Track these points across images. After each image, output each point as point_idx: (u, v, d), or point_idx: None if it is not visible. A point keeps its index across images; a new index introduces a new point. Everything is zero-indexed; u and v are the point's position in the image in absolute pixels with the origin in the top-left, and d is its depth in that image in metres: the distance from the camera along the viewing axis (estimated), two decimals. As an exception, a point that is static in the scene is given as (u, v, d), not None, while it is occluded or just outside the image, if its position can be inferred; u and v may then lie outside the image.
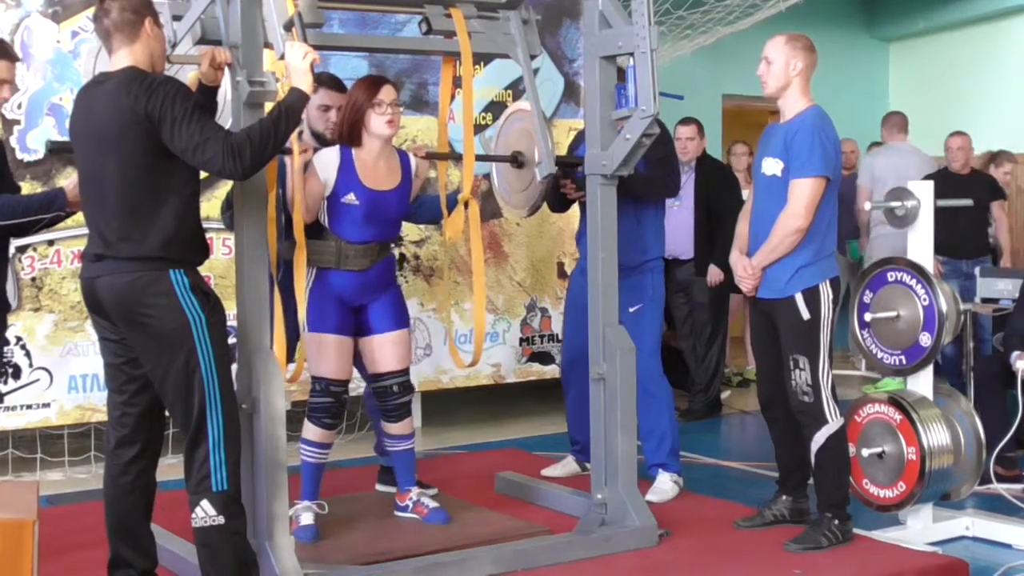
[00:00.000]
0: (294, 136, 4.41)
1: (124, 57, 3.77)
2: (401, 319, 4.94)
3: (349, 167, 4.72)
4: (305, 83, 3.82)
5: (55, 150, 4.50)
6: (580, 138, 5.69)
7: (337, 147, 4.76)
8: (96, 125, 3.72)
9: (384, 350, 4.87)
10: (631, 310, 5.36)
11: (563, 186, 5.39)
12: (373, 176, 4.75)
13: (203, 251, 3.90)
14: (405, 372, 4.91)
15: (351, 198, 4.71)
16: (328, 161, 4.71)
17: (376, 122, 4.71)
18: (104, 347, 3.91)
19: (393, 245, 5.16)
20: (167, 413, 3.93)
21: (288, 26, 3.89)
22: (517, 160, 5.26)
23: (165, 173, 3.71)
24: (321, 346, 4.73)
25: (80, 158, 3.87)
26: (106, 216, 3.74)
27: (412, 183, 4.94)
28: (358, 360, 4.98)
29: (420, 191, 5.10)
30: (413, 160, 4.95)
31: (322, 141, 5.08)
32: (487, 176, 7.17)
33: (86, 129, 3.78)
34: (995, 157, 8.95)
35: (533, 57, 5.02)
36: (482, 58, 5.98)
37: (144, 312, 3.69)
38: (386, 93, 4.73)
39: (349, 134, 4.75)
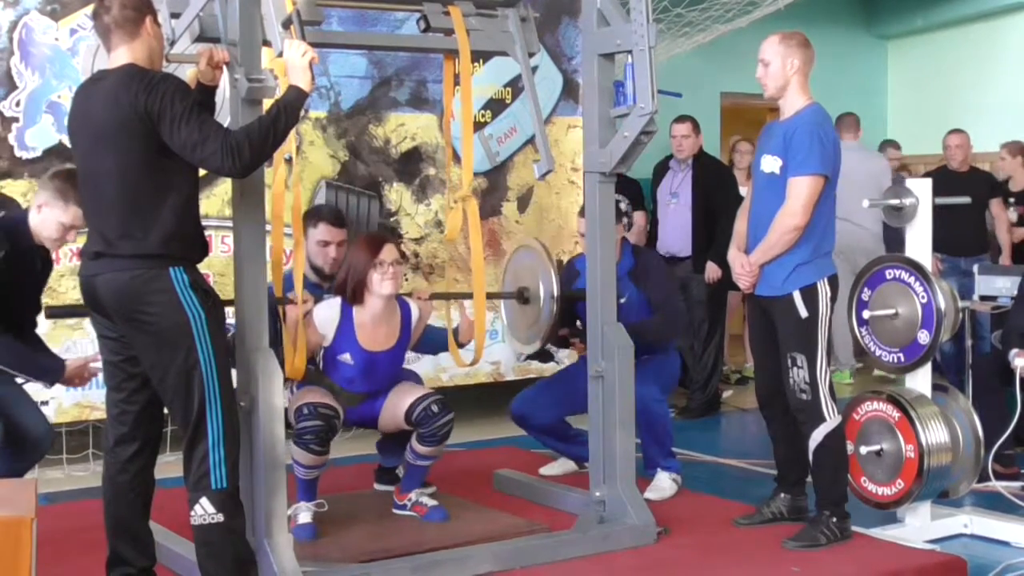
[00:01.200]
0: (299, 285, 4.47)
1: (123, 54, 3.77)
2: (398, 378, 5.02)
3: (348, 326, 4.80)
4: (304, 81, 3.81)
5: (54, 315, 4.67)
6: (571, 272, 5.67)
7: (338, 301, 4.81)
8: (95, 122, 3.72)
9: (398, 396, 4.91)
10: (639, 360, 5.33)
11: (572, 344, 5.47)
12: (371, 337, 4.83)
13: (203, 249, 3.90)
14: (438, 393, 4.93)
15: (346, 358, 4.81)
16: (328, 318, 4.79)
17: (378, 281, 4.76)
18: (103, 345, 3.91)
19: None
20: (165, 411, 3.93)
21: (286, 24, 3.88)
22: (523, 296, 5.27)
23: (164, 170, 3.71)
24: (305, 390, 4.77)
25: (79, 155, 3.87)
26: (105, 214, 3.74)
27: (411, 337, 5.01)
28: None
29: (423, 336, 5.15)
30: (414, 309, 5.00)
31: (321, 275, 5.14)
32: (487, 174, 7.26)
33: (85, 126, 3.77)
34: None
35: (531, 55, 5.02)
36: (481, 56, 5.99)
37: (144, 310, 3.69)
38: (387, 253, 4.79)
39: (352, 294, 4.80)
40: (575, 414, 5.03)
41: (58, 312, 4.71)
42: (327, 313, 4.80)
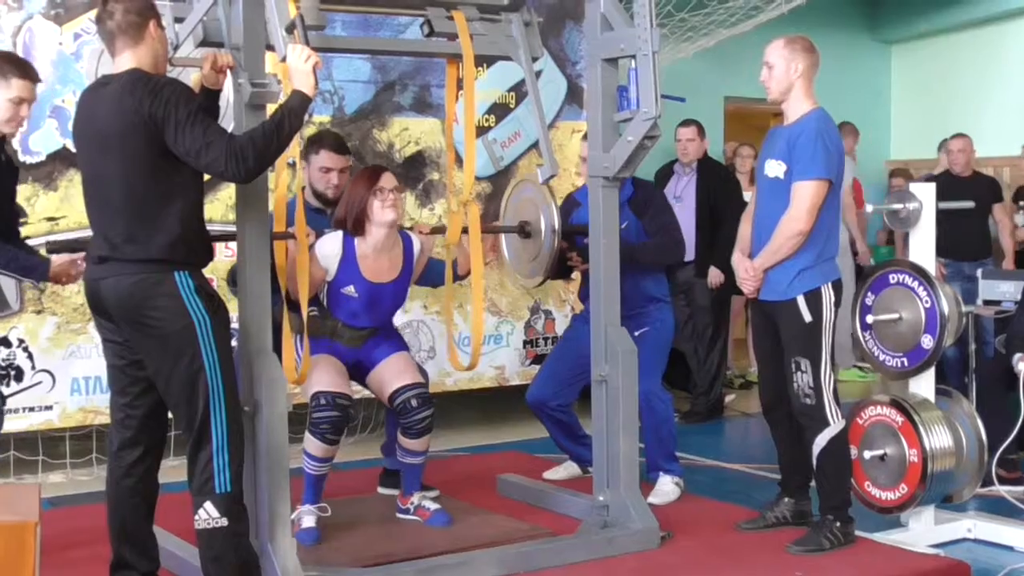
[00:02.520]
0: (301, 219, 4.46)
1: (128, 59, 3.78)
2: (399, 345, 5.01)
3: (351, 258, 4.79)
4: (307, 85, 3.82)
5: (55, 249, 4.51)
6: (571, 202, 5.73)
7: (340, 235, 4.80)
8: (99, 127, 3.73)
9: (389, 370, 4.89)
10: (636, 333, 5.36)
11: (569, 259, 5.41)
12: (374, 269, 4.82)
13: (208, 253, 3.91)
14: (421, 385, 4.91)
15: (350, 290, 4.80)
16: (330, 251, 4.78)
17: (379, 209, 4.75)
18: (107, 349, 3.92)
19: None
20: (170, 415, 3.93)
21: (290, 28, 3.89)
22: (524, 230, 5.26)
23: (169, 175, 3.71)
24: (317, 365, 4.75)
25: (83, 160, 3.88)
26: (110, 218, 3.75)
27: (413, 269, 5.00)
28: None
29: (424, 268, 5.14)
30: (416, 242, 4.99)
31: (324, 201, 5.13)
32: (491, 178, 7.25)
33: (89, 131, 3.78)
34: None
35: (535, 59, 5.02)
36: (484, 60, 6.00)
37: (149, 314, 3.69)
38: (386, 180, 4.79)
39: (353, 225, 4.79)
40: (589, 383, 4.99)
41: (60, 247, 4.60)
42: (329, 247, 4.78)
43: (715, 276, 7.59)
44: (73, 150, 5.93)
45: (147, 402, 3.89)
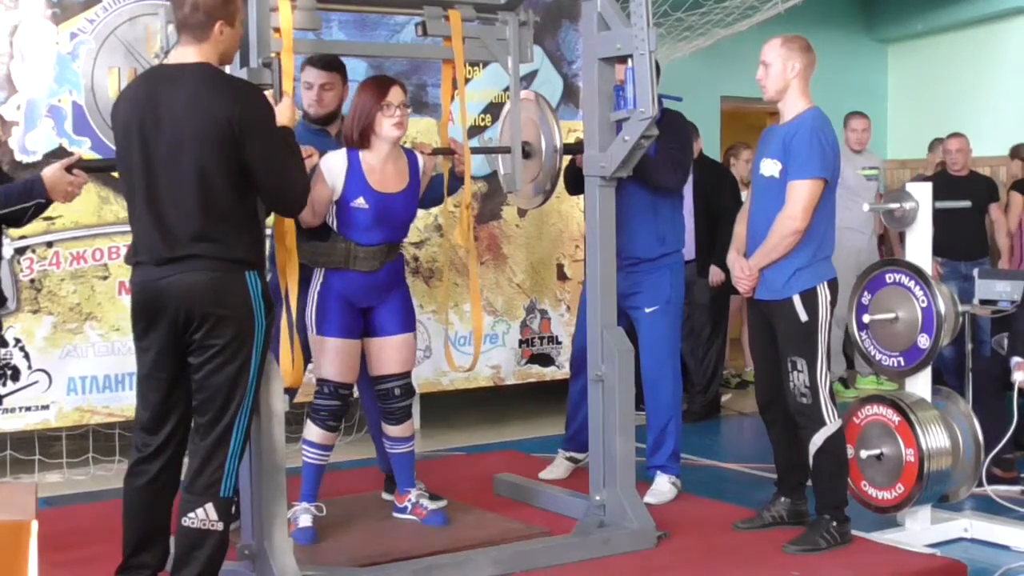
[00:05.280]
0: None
1: (191, 53, 3.72)
2: (408, 322, 4.93)
3: (357, 171, 4.71)
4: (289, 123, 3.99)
5: (87, 167, 4.32)
6: None
7: (344, 151, 4.75)
8: (168, 121, 3.63)
9: (388, 353, 4.86)
10: (647, 311, 5.33)
11: (577, 160, 5.32)
12: (381, 179, 4.75)
13: (266, 257, 3.93)
14: (407, 375, 4.91)
15: (360, 202, 4.70)
16: (335, 166, 4.69)
17: (385, 124, 4.70)
18: (147, 360, 3.79)
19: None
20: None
21: (267, 64, 3.97)
22: (524, 150, 5.21)
23: (242, 173, 3.69)
24: (327, 349, 4.72)
25: (140, 154, 3.69)
26: (179, 215, 3.65)
27: (420, 183, 4.92)
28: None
29: (427, 187, 5.07)
30: (420, 158, 4.93)
31: (308, 119, 5.07)
32: (487, 178, 7.25)
33: (152, 123, 3.65)
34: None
35: (528, 62, 5.00)
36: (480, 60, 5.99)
37: (217, 312, 3.65)
38: (394, 95, 4.72)
39: (359, 138, 4.74)
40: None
41: (91, 166, 4.39)
42: (334, 162, 4.70)
43: (716, 275, 7.60)
44: (69, 150, 5.96)
45: (185, 410, 3.84)
